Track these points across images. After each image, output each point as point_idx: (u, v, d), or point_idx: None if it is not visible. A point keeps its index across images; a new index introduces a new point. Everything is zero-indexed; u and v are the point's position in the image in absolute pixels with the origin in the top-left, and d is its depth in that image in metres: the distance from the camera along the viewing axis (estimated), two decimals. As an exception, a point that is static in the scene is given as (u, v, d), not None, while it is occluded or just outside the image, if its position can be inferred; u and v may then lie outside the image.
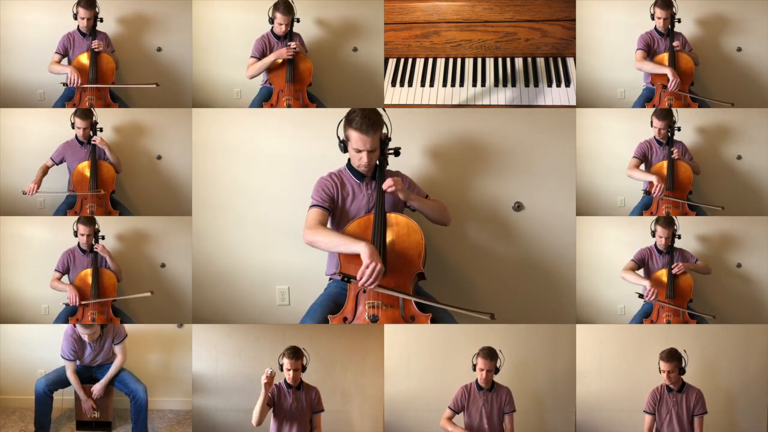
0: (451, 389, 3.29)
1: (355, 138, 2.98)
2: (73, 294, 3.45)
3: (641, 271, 3.50)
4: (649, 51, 3.61)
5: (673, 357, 3.23)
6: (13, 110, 3.67)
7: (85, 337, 3.44)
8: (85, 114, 3.55)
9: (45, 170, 3.57)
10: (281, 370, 3.14)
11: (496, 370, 3.27)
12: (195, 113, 3.53)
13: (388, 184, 2.97)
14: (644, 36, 3.61)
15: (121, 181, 3.68)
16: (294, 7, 3.60)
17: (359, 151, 3.00)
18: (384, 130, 3.08)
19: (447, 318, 2.99)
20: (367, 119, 2.96)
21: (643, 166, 3.57)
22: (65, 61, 3.65)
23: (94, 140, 3.56)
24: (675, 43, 3.56)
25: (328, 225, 3.09)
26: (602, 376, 3.51)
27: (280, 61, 3.55)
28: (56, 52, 3.64)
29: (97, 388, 3.47)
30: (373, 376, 3.50)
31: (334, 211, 3.08)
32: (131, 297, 3.57)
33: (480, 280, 3.55)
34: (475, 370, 3.27)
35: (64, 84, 3.57)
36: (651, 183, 3.45)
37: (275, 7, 3.59)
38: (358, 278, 2.74)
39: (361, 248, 2.77)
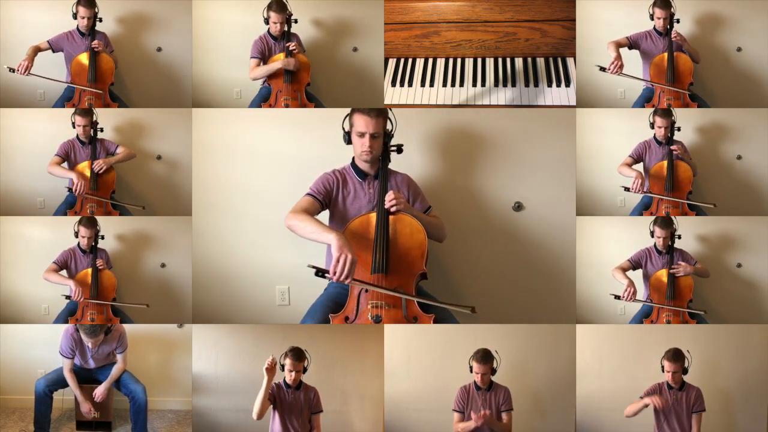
0: (451, 389, 3.29)
1: (359, 121, 3.01)
2: (77, 288, 3.44)
3: (639, 272, 3.51)
4: (637, 47, 3.61)
5: (678, 358, 3.25)
6: (13, 110, 3.67)
7: (89, 344, 3.44)
8: (85, 112, 3.55)
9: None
10: (282, 369, 3.14)
11: (493, 372, 3.27)
12: (195, 113, 3.53)
13: (390, 201, 2.95)
14: (640, 33, 3.61)
15: (121, 181, 3.67)
16: (288, 6, 3.60)
17: (362, 136, 3.01)
18: (388, 126, 3.09)
19: (449, 318, 2.99)
20: (372, 108, 3.02)
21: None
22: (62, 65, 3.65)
23: (98, 167, 3.55)
24: (674, 35, 3.55)
25: (327, 222, 3.11)
26: (602, 376, 3.51)
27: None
28: (47, 41, 3.62)
29: (100, 391, 3.46)
30: (373, 376, 3.50)
31: (330, 207, 3.09)
32: (127, 305, 3.58)
33: (480, 280, 3.55)
34: (472, 371, 3.27)
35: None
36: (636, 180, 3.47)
37: (269, 6, 3.59)
38: (331, 273, 2.67)
39: (332, 239, 2.70)
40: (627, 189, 3.48)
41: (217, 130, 3.53)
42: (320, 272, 2.70)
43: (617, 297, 3.38)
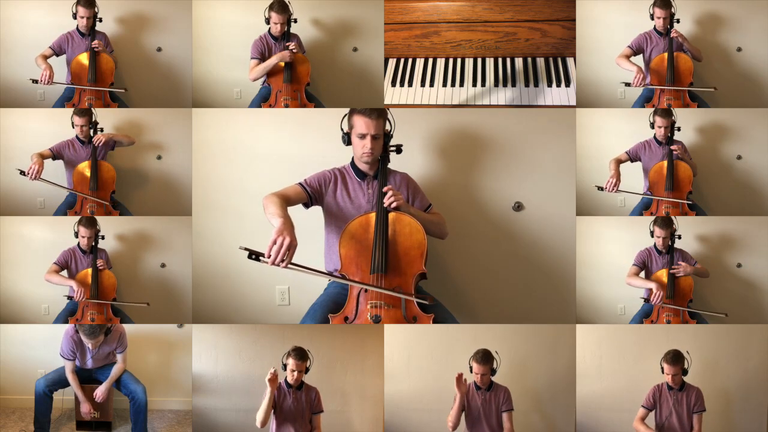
0: (451, 389, 3.28)
1: (359, 123, 3.01)
2: (79, 288, 3.44)
3: (643, 273, 3.51)
4: (641, 52, 3.62)
5: (678, 360, 3.24)
6: (13, 110, 3.67)
7: (89, 345, 3.44)
8: (83, 112, 3.54)
9: (42, 159, 3.51)
10: (284, 369, 3.14)
11: (493, 372, 3.27)
12: (195, 113, 3.53)
13: (388, 197, 2.95)
14: (639, 37, 3.62)
15: (121, 182, 3.67)
16: (290, 7, 3.60)
17: (362, 137, 3.01)
18: (387, 127, 3.09)
19: (448, 318, 2.99)
20: (371, 108, 3.01)
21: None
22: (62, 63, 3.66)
23: (97, 140, 3.55)
24: (673, 33, 3.55)
25: (324, 222, 3.13)
26: (602, 376, 3.51)
27: (283, 64, 3.56)
28: (50, 47, 3.63)
29: (100, 391, 3.46)
30: (373, 376, 3.50)
31: (328, 206, 3.09)
32: (127, 304, 3.58)
33: (480, 280, 3.55)
34: (472, 372, 3.27)
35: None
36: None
37: (270, 6, 3.60)
38: (266, 255, 2.61)
39: (277, 222, 2.67)
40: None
41: (217, 130, 3.53)
42: (253, 254, 2.62)
43: (646, 300, 3.39)
